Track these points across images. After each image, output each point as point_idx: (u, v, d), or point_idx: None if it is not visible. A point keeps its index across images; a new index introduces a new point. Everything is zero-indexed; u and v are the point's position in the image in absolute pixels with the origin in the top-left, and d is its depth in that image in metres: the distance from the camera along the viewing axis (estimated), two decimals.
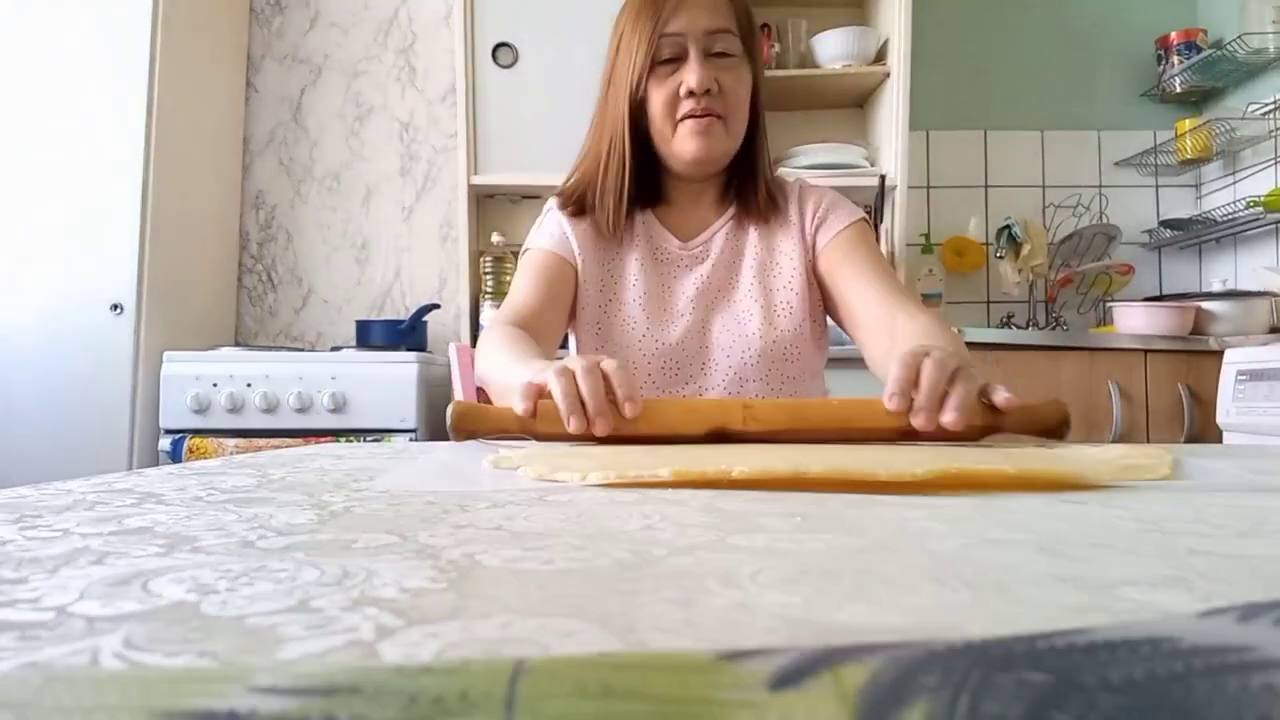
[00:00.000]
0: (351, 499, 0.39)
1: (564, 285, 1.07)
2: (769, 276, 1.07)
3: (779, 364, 1.03)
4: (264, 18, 2.64)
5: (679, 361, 1.05)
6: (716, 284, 1.07)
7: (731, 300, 1.07)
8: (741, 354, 1.03)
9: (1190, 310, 2.09)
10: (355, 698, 0.12)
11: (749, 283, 1.06)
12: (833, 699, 0.12)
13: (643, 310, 1.06)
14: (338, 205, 2.60)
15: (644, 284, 1.07)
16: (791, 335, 1.04)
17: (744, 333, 1.03)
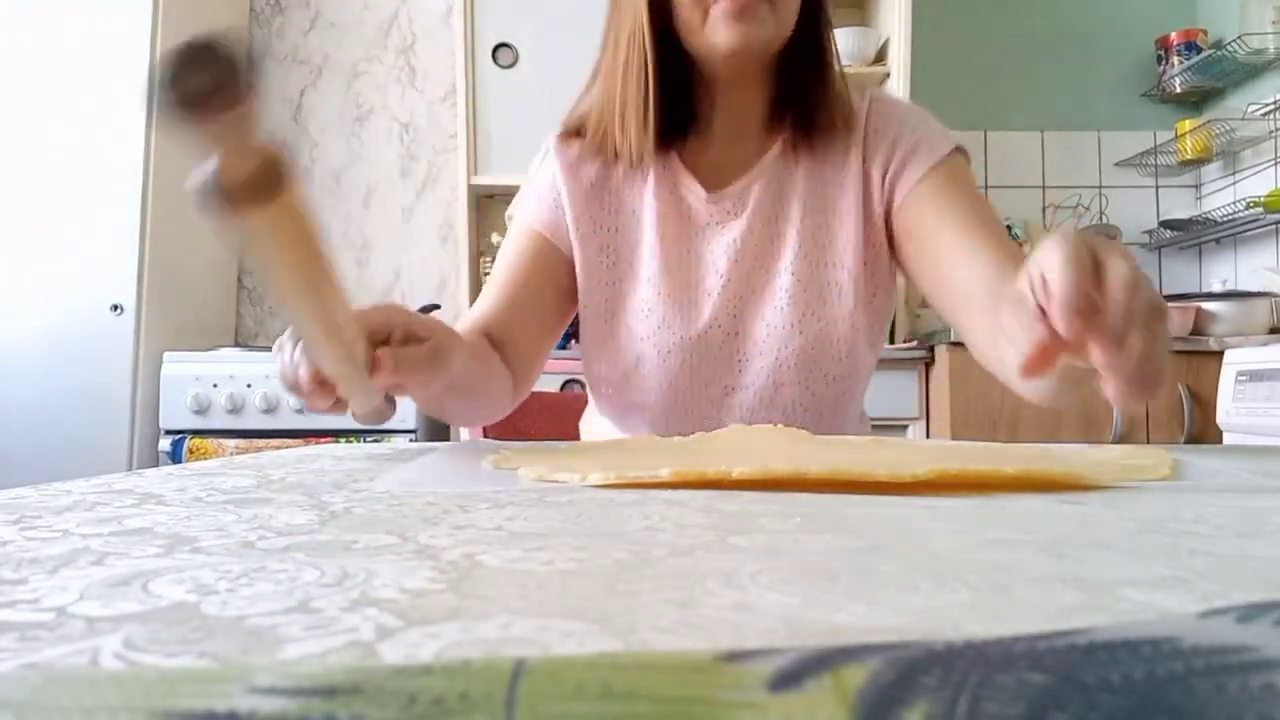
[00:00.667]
0: (351, 499, 0.39)
1: (549, 275, 0.86)
2: (818, 243, 0.84)
3: (821, 363, 0.83)
4: (264, 18, 2.64)
5: (704, 358, 0.84)
6: (753, 251, 0.84)
7: (771, 274, 0.84)
8: (778, 351, 0.83)
9: (1190, 310, 2.09)
10: (355, 698, 0.12)
11: (792, 249, 0.83)
12: (833, 699, 0.12)
13: (661, 291, 0.84)
14: (338, 206, 2.60)
15: (662, 254, 0.84)
16: (840, 327, 0.82)
17: (782, 322, 0.82)
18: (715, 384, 0.85)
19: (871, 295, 0.85)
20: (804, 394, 0.84)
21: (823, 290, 0.83)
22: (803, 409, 0.84)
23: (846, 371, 0.84)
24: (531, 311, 0.85)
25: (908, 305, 2.45)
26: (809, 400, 0.84)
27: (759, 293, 0.84)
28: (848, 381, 0.85)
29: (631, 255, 0.86)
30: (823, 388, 0.84)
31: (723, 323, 0.84)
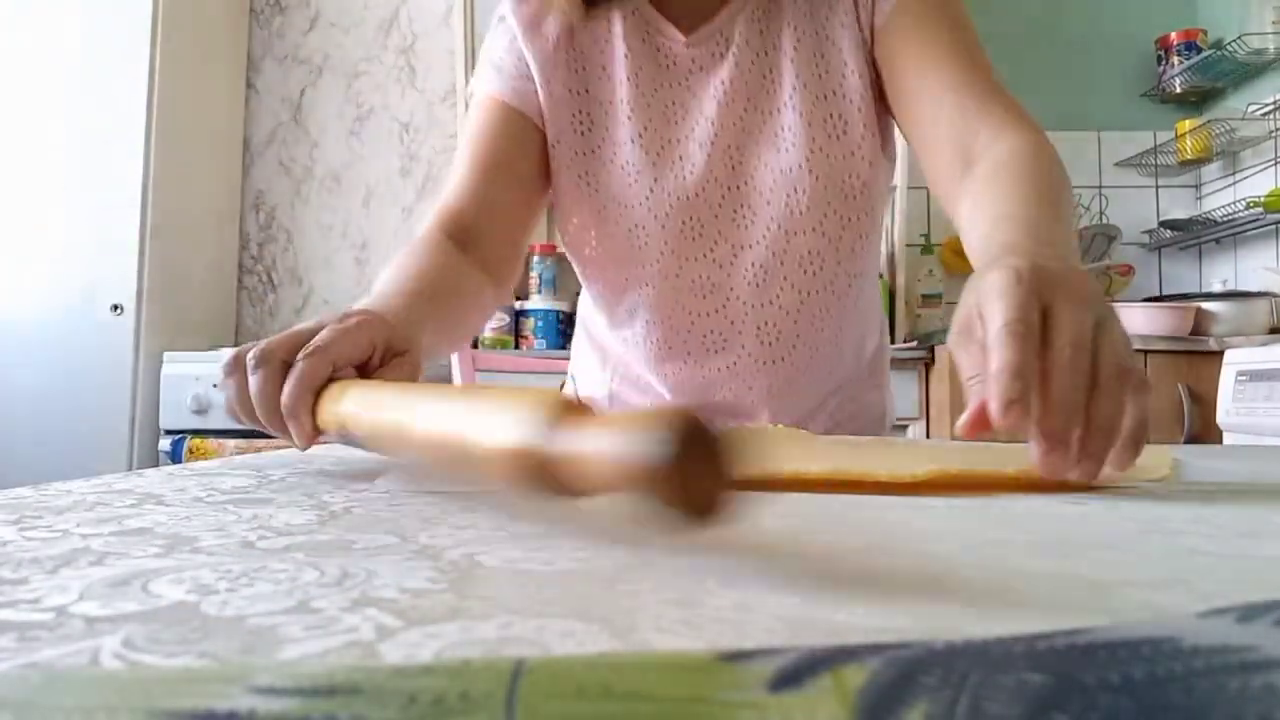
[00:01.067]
0: (351, 499, 0.39)
1: (522, 150, 0.77)
2: (817, 73, 0.75)
3: (836, 204, 0.75)
4: (264, 18, 2.64)
5: (702, 217, 0.76)
6: (745, 92, 0.75)
7: (769, 113, 0.75)
8: (787, 196, 0.74)
9: (1190, 311, 2.09)
10: (355, 698, 0.12)
11: (790, 83, 0.75)
12: (833, 699, 0.12)
13: (647, 151, 0.75)
14: (338, 205, 2.60)
15: (641, 111, 0.76)
16: (854, 161, 0.75)
17: (789, 164, 0.74)
18: (721, 245, 0.77)
19: (880, 124, 0.77)
20: (820, 241, 0.76)
21: (830, 122, 0.74)
22: (820, 258, 0.77)
23: (863, 210, 0.76)
24: (506, 198, 0.77)
25: (908, 305, 2.45)
26: (825, 248, 0.77)
27: (757, 136, 0.75)
28: (864, 223, 0.77)
29: (606, 118, 0.77)
30: (839, 231, 0.76)
31: (720, 175, 0.75)
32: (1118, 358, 0.36)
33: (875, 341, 0.89)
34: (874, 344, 0.89)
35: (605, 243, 0.78)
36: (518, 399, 0.27)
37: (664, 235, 0.76)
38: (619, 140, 0.76)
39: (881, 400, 0.90)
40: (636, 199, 0.76)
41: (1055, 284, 0.38)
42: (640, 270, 0.79)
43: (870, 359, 0.88)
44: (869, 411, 0.88)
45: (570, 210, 0.79)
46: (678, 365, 0.82)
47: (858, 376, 0.87)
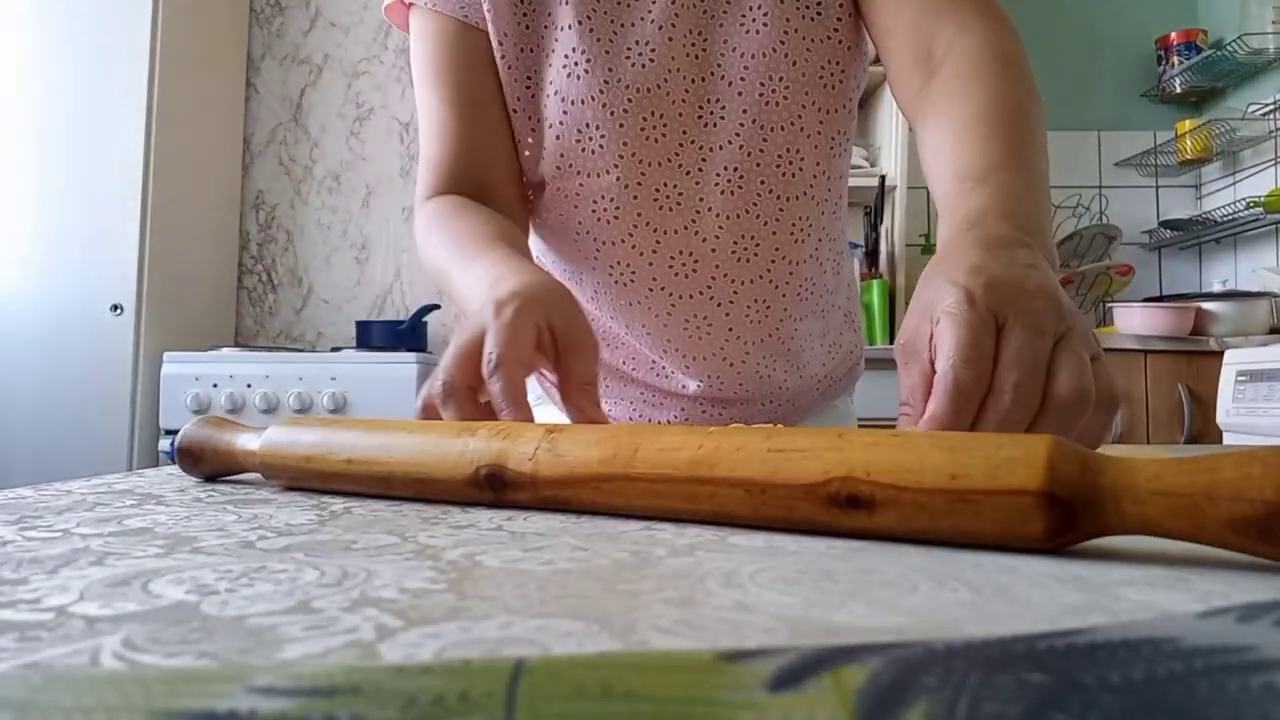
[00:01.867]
0: (351, 499, 0.39)
1: (485, 68, 0.68)
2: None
3: (815, 94, 0.67)
4: (264, 18, 2.64)
5: (665, 114, 0.67)
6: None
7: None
8: (761, 86, 0.66)
9: (1190, 311, 2.09)
10: (355, 698, 0.12)
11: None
12: (833, 699, 0.12)
13: (590, 32, 0.66)
14: (338, 205, 2.60)
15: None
16: (829, 44, 0.67)
17: (762, 48, 0.66)
18: (688, 147, 0.68)
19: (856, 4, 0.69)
20: (798, 137, 0.68)
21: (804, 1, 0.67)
22: (800, 158, 0.69)
23: (841, 102, 0.69)
24: (496, 139, 0.69)
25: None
26: (804, 144, 0.68)
27: (722, 18, 0.66)
28: (842, 118, 0.70)
29: (546, 2, 0.68)
30: (817, 125, 0.68)
31: (683, 65, 0.66)
32: (1074, 381, 0.34)
33: (848, 263, 0.81)
34: (847, 265, 0.81)
35: (553, 152, 0.69)
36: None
37: (621, 136, 0.66)
38: (560, 24, 0.67)
39: (857, 343, 0.84)
40: (585, 93, 0.66)
41: (1013, 301, 0.36)
42: (594, 181, 0.68)
43: (843, 279, 0.80)
44: (849, 359, 0.82)
45: (523, 125, 0.69)
46: (641, 295, 0.71)
47: (837, 304, 0.78)
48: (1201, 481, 0.23)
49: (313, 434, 0.41)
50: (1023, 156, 0.50)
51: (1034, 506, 0.25)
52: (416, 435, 0.39)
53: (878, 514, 0.27)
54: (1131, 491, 0.24)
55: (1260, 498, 0.22)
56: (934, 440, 0.27)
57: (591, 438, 0.34)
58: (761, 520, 0.30)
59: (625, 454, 0.33)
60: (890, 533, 0.28)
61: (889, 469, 0.27)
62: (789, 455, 0.29)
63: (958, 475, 0.26)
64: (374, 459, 0.39)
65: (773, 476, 0.29)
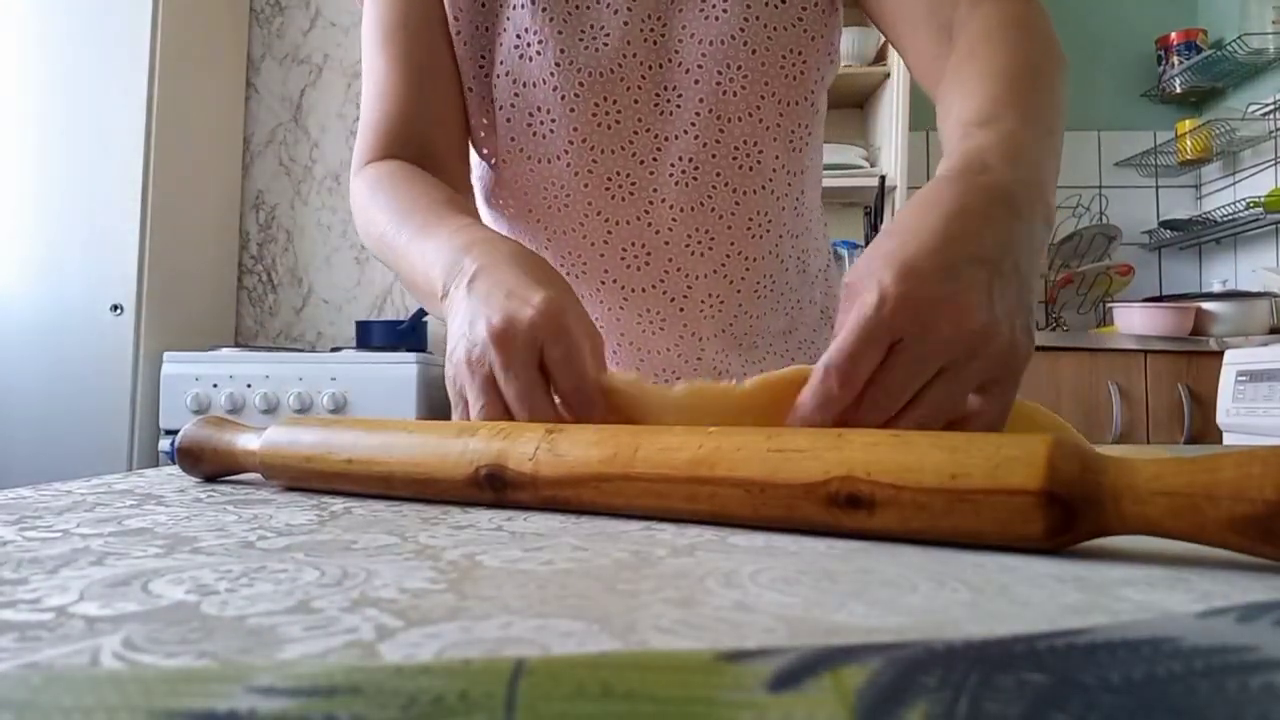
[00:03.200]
0: (351, 499, 0.39)
1: (439, 35, 0.66)
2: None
3: (775, 85, 0.65)
4: (264, 18, 2.64)
5: (619, 100, 0.65)
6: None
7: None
8: (719, 74, 0.64)
9: (1190, 311, 2.09)
10: (355, 698, 0.12)
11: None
12: (832, 699, 0.12)
13: (549, 15, 0.64)
14: (338, 205, 2.60)
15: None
16: (792, 32, 0.65)
17: (720, 34, 0.64)
18: (643, 135, 0.66)
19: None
20: (757, 129, 0.66)
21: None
22: (759, 150, 0.67)
23: (803, 94, 0.66)
24: (445, 100, 0.66)
25: None
26: (764, 136, 0.66)
27: (681, 1, 0.65)
28: (804, 111, 0.67)
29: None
30: (777, 118, 0.66)
31: (640, 50, 0.64)
32: (936, 409, 0.35)
33: (822, 261, 0.78)
34: (820, 263, 0.77)
35: (505, 135, 0.67)
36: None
37: (572, 120, 0.64)
38: (514, 3, 0.65)
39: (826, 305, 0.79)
40: (537, 75, 0.64)
41: (918, 323, 0.35)
42: (545, 167, 0.66)
43: (815, 277, 0.76)
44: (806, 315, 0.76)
45: (476, 105, 0.67)
46: (594, 287, 0.69)
47: (809, 300, 0.75)
48: (1202, 481, 0.23)
49: (313, 434, 0.41)
50: (1030, 106, 0.49)
51: (1034, 506, 0.25)
52: (416, 435, 0.39)
53: (878, 514, 0.27)
54: (1131, 491, 0.24)
55: (1261, 497, 0.22)
56: (934, 440, 0.27)
57: (592, 438, 0.34)
58: (761, 520, 0.30)
59: (625, 454, 0.33)
60: (890, 533, 0.28)
61: (889, 469, 0.27)
62: (789, 455, 0.29)
63: (958, 475, 0.26)
64: (374, 459, 0.39)
65: (773, 476, 0.29)
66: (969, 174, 0.42)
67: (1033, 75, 0.52)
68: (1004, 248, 0.39)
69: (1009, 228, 0.40)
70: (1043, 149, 0.47)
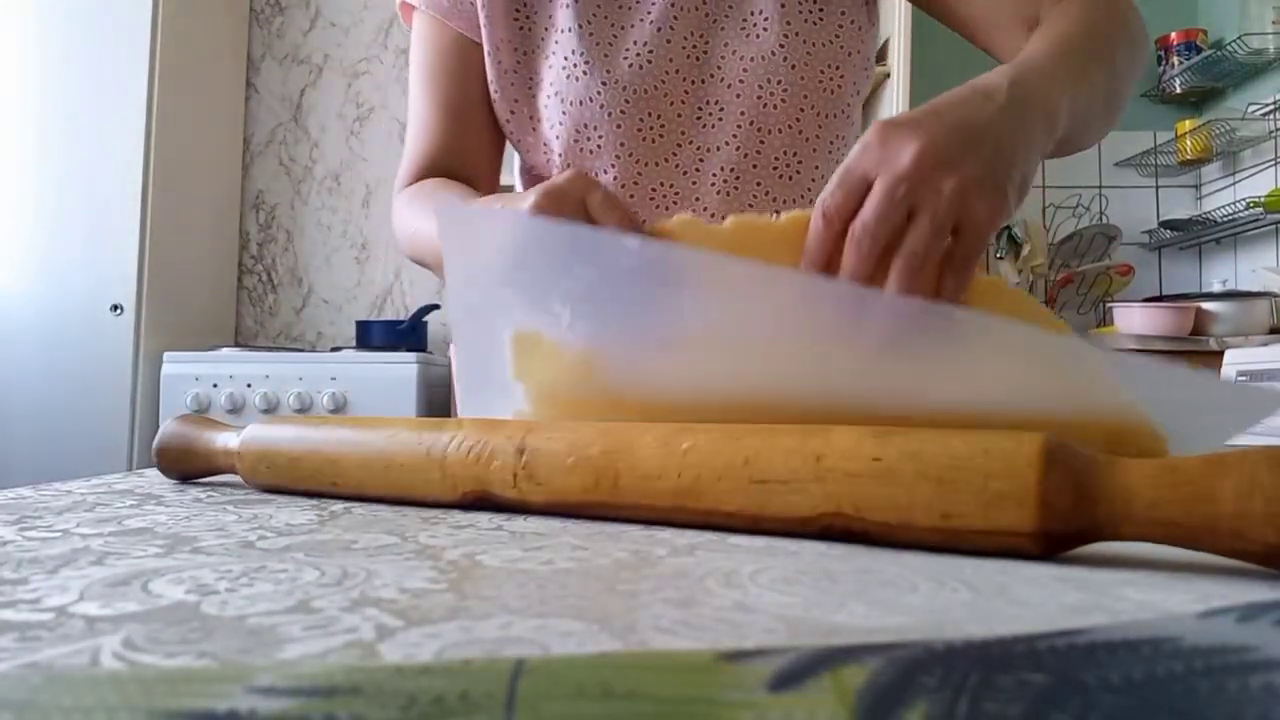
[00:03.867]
0: (351, 499, 0.39)
1: (481, 85, 0.71)
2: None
3: (814, 98, 0.68)
4: (264, 18, 2.64)
5: (663, 115, 0.68)
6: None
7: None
8: (760, 88, 0.67)
9: (1190, 311, 2.09)
10: (355, 698, 0.12)
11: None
12: (833, 699, 0.12)
13: (590, 34, 0.67)
14: (338, 205, 2.60)
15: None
16: (830, 48, 0.68)
17: (762, 51, 0.67)
18: (686, 147, 0.69)
19: (866, 7, 0.71)
20: (795, 140, 0.69)
21: (807, 4, 0.68)
22: (797, 160, 0.70)
23: (840, 108, 0.69)
24: (476, 141, 0.72)
25: None
26: (802, 147, 0.69)
27: (723, 21, 0.68)
28: (840, 123, 0.70)
29: (546, 5, 0.70)
30: (815, 129, 0.69)
31: (682, 66, 0.67)
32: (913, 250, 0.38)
33: None
34: None
35: (553, 151, 0.71)
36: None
37: (619, 136, 0.68)
38: (560, 27, 0.68)
39: None
40: (585, 94, 0.67)
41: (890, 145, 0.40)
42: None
43: None
44: None
45: (522, 125, 0.71)
46: None
47: None
48: (1200, 514, 0.23)
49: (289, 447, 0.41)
50: (1070, 49, 0.50)
51: (1029, 543, 0.25)
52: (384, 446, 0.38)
53: (874, 541, 0.28)
54: (1129, 520, 0.24)
55: (1261, 539, 0.22)
56: (919, 467, 0.27)
57: (564, 460, 0.33)
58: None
59: (606, 482, 0.32)
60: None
61: (878, 505, 0.27)
62: (773, 488, 0.29)
63: (950, 515, 0.26)
64: (360, 485, 0.38)
65: (762, 510, 0.29)
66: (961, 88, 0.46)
67: (1086, 33, 0.53)
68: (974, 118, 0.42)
69: (981, 108, 0.43)
70: (1064, 75, 0.49)
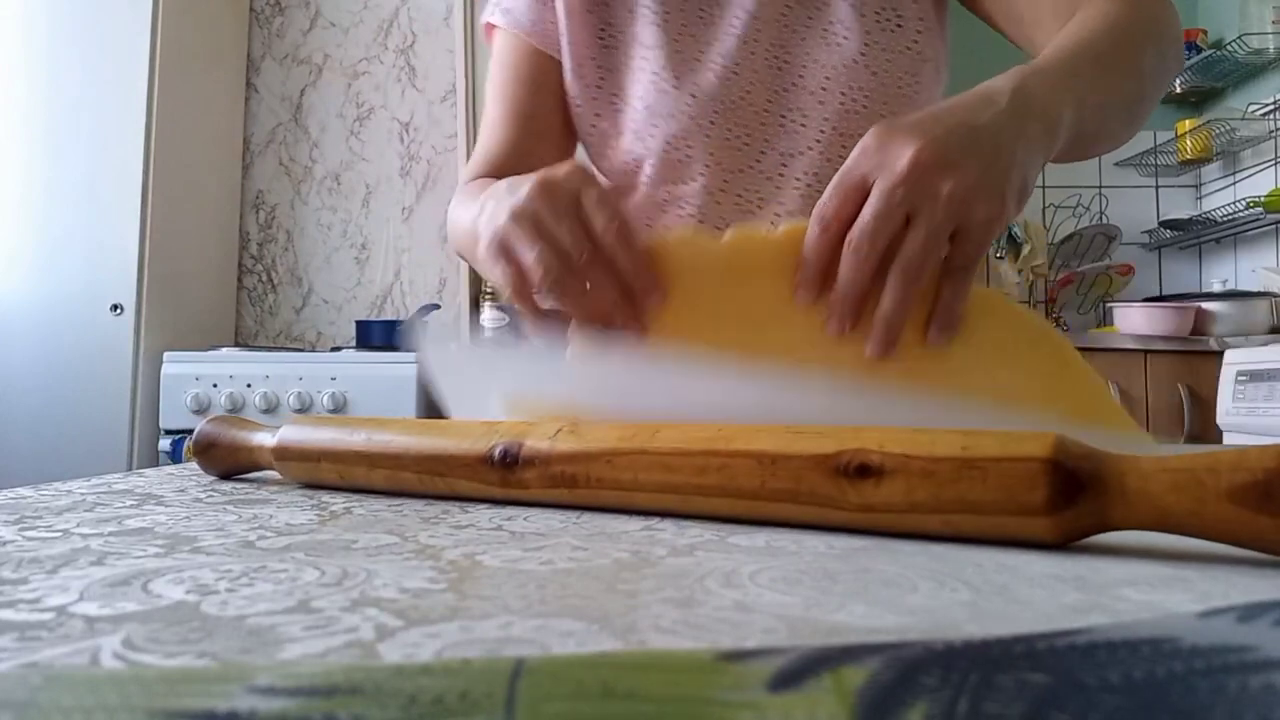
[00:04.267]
0: (351, 499, 0.39)
1: (555, 99, 0.74)
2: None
3: (894, 103, 0.70)
4: (264, 18, 2.64)
5: (748, 124, 0.70)
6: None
7: (818, 7, 0.70)
8: (843, 95, 0.69)
9: (1190, 311, 2.09)
10: (355, 698, 0.12)
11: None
12: (833, 699, 0.12)
13: (676, 51, 0.70)
14: (338, 205, 2.60)
15: (670, 7, 0.71)
16: (906, 55, 0.70)
17: (844, 59, 0.68)
18: (770, 154, 0.70)
19: (938, 17, 0.71)
20: None
21: (885, 14, 0.69)
22: None
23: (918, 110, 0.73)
24: (543, 150, 0.74)
25: None
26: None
27: (804, 32, 0.69)
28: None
29: (632, 24, 0.71)
30: None
31: (766, 77, 0.69)
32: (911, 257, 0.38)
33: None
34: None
35: (642, 161, 0.73)
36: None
37: (708, 146, 0.70)
38: (647, 45, 0.71)
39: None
40: (674, 109, 0.70)
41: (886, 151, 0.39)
42: (681, 188, 0.72)
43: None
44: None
45: (595, 134, 0.74)
46: None
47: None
48: (1202, 460, 0.24)
49: (329, 428, 0.43)
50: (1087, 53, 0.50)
51: (1040, 473, 0.25)
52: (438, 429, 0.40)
53: (884, 484, 0.27)
54: (1135, 469, 0.25)
55: (1260, 465, 0.23)
56: (952, 427, 0.29)
57: (615, 429, 0.35)
58: (767, 494, 0.30)
59: (645, 433, 0.34)
60: (894, 508, 0.28)
61: (901, 441, 0.28)
62: (805, 434, 0.30)
63: (968, 446, 0.27)
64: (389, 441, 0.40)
65: (785, 449, 0.30)
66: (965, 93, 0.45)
67: (1109, 34, 0.53)
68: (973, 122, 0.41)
69: (982, 112, 0.42)
70: (1074, 81, 0.48)
